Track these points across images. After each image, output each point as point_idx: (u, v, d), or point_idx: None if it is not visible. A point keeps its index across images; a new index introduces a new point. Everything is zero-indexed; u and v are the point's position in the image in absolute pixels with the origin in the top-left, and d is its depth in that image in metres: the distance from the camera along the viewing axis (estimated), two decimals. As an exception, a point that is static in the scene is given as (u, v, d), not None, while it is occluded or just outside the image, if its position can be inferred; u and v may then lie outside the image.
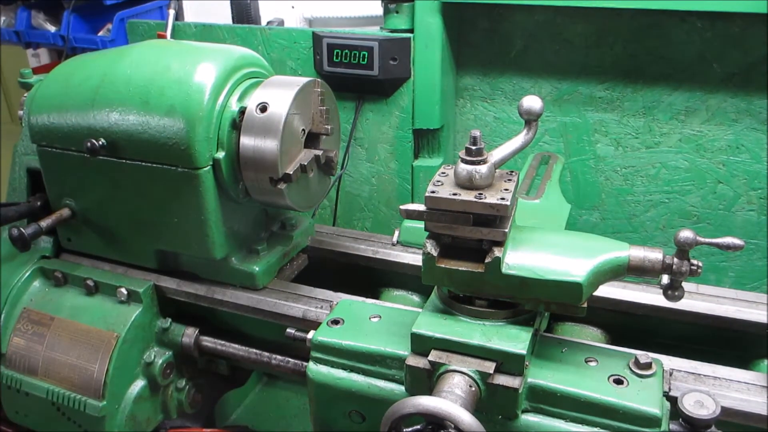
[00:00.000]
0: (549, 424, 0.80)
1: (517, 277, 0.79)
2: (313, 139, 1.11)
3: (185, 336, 1.22)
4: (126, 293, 1.19)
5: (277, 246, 1.22)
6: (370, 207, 1.92)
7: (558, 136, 1.75)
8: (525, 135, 0.83)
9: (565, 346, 0.87)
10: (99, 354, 1.16)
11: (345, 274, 1.30)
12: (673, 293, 0.81)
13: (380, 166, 1.85)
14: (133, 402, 1.20)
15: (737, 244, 0.76)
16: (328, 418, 0.94)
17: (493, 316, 0.83)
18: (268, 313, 1.14)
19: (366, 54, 1.67)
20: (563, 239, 0.83)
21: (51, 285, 1.27)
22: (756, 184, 1.61)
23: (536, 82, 1.72)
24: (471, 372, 0.78)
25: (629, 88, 1.64)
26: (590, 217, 1.80)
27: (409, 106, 1.73)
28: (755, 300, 1.07)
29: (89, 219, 1.21)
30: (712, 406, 0.78)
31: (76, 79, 1.13)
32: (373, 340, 0.89)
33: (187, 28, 1.92)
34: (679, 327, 1.09)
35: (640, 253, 0.79)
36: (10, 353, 1.23)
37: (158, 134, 1.03)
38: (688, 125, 1.62)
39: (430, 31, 1.63)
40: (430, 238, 0.82)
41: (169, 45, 1.21)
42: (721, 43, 1.52)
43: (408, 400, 0.71)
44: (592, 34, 1.62)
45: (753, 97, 1.54)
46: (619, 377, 0.81)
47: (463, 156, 0.80)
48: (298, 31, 1.82)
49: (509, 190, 0.79)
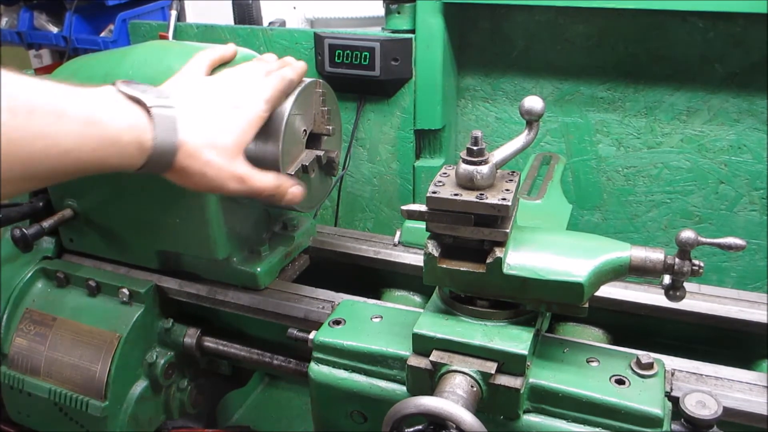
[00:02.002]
0: (550, 425, 0.80)
1: (518, 277, 0.79)
2: (315, 139, 1.11)
3: (187, 336, 1.22)
4: (128, 294, 1.19)
5: (278, 246, 1.23)
6: (372, 207, 1.92)
7: (559, 137, 1.75)
8: (526, 135, 0.83)
9: (567, 347, 0.87)
10: (101, 354, 1.16)
11: (347, 275, 1.30)
12: (674, 293, 0.81)
13: (382, 166, 1.85)
14: (135, 402, 1.20)
15: (739, 245, 0.76)
16: (330, 419, 0.94)
17: (495, 316, 0.83)
18: (269, 313, 1.14)
19: (368, 54, 1.67)
20: (565, 239, 0.83)
21: (53, 285, 1.27)
22: (758, 185, 1.60)
23: (538, 83, 1.72)
24: (472, 372, 0.78)
25: (631, 88, 1.64)
26: (592, 217, 1.80)
27: (410, 107, 1.73)
28: (757, 300, 1.07)
29: (91, 219, 1.21)
30: (714, 407, 0.78)
31: (78, 80, 1.12)
32: (375, 340, 0.89)
33: (189, 29, 1.92)
34: (680, 327, 1.09)
35: (642, 253, 0.79)
36: (13, 353, 1.23)
37: (160, 135, 1.03)
38: (690, 125, 1.62)
39: (431, 31, 1.63)
40: (432, 239, 0.82)
41: (171, 46, 1.21)
42: (722, 43, 1.51)
43: (410, 400, 0.71)
44: (594, 34, 1.62)
45: (755, 97, 1.54)
46: (621, 377, 0.81)
47: (465, 156, 0.80)
48: (299, 31, 1.82)
49: (510, 190, 0.79)
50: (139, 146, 0.74)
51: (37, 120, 0.63)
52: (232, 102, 0.86)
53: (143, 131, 0.74)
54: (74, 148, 0.67)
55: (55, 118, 0.65)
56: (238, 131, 0.85)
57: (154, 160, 0.76)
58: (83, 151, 0.68)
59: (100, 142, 0.70)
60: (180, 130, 0.78)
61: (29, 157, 0.64)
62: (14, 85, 0.63)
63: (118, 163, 0.74)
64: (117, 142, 0.72)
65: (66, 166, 0.68)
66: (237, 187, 0.85)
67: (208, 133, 0.81)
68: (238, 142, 0.85)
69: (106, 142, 0.71)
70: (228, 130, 0.84)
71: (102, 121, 0.70)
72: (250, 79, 0.91)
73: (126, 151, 0.73)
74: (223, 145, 0.82)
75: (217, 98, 0.86)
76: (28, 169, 0.64)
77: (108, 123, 0.71)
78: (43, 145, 0.64)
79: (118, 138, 0.72)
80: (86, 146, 0.68)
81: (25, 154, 0.63)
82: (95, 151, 0.70)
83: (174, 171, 0.80)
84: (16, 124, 0.62)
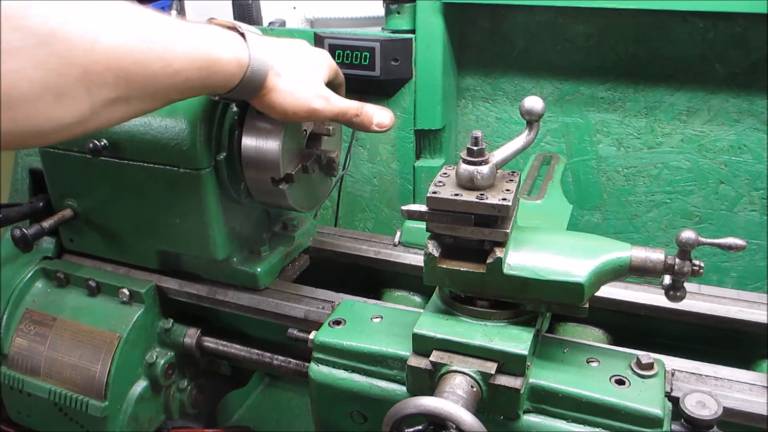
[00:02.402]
0: (550, 425, 0.80)
1: (518, 277, 0.79)
2: (315, 139, 1.11)
3: (187, 336, 1.22)
4: (128, 294, 1.19)
5: (278, 247, 1.23)
6: (372, 207, 1.92)
7: (560, 137, 1.75)
8: (526, 135, 0.83)
9: (567, 347, 0.87)
10: (101, 354, 1.16)
11: (347, 275, 1.30)
12: (674, 294, 0.81)
13: (382, 166, 1.85)
14: (135, 402, 1.20)
15: (739, 245, 0.76)
16: (330, 419, 0.94)
17: (495, 316, 0.83)
18: (269, 313, 1.14)
19: (368, 54, 1.67)
20: (565, 240, 0.83)
21: (53, 286, 1.27)
22: (758, 185, 1.60)
23: (538, 83, 1.72)
24: (472, 372, 0.78)
25: (631, 88, 1.64)
26: (592, 217, 1.80)
27: (410, 107, 1.73)
28: (757, 300, 1.07)
29: (91, 220, 1.21)
30: (714, 407, 0.78)
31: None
32: (375, 340, 0.89)
33: (189, 29, 1.91)
34: (680, 327, 1.09)
35: (642, 253, 0.79)
36: (13, 354, 1.23)
37: (160, 135, 1.03)
38: (690, 125, 1.62)
39: (431, 31, 1.63)
40: (432, 239, 0.82)
41: (171, 46, 1.21)
42: (723, 43, 1.51)
43: (410, 400, 0.71)
44: (594, 34, 1.62)
45: (755, 98, 1.54)
46: (621, 378, 0.81)
47: (465, 156, 0.80)
48: (299, 31, 1.82)
49: (511, 190, 0.79)
50: (238, 63, 0.85)
51: (157, 45, 0.76)
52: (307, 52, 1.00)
53: (240, 50, 0.86)
54: (184, 67, 0.79)
55: (169, 44, 0.77)
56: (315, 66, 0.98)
57: (249, 77, 0.87)
58: (192, 69, 0.80)
59: (205, 61, 0.81)
60: (270, 53, 0.90)
61: (150, 77, 0.76)
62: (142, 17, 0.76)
63: (220, 81, 0.85)
64: (218, 61, 0.83)
65: (177, 84, 0.79)
66: (323, 106, 0.95)
67: (293, 60, 0.95)
68: (319, 74, 0.98)
69: (210, 62, 0.82)
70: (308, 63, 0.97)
71: (205, 45, 0.82)
72: None
73: (227, 69, 0.84)
74: (307, 71, 0.95)
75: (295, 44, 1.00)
76: (148, 86, 0.77)
77: (211, 46, 0.82)
78: (159, 66, 0.76)
79: (219, 57, 0.83)
80: (194, 65, 0.80)
81: (148, 73, 0.75)
82: (201, 69, 0.81)
83: (266, 90, 0.90)
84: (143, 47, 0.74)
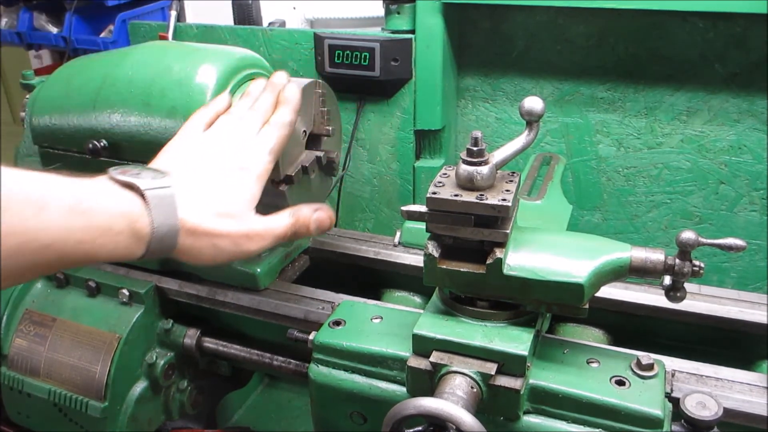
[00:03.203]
0: (550, 425, 0.80)
1: (518, 278, 0.79)
2: (315, 140, 1.11)
3: (187, 337, 1.22)
4: (128, 294, 1.19)
5: (278, 247, 1.22)
6: (372, 208, 1.92)
7: (560, 137, 1.75)
8: (526, 136, 0.83)
9: (567, 347, 0.87)
10: (101, 355, 1.16)
11: (346, 275, 1.30)
12: (675, 294, 0.81)
13: (382, 167, 1.85)
14: (135, 403, 1.20)
15: (739, 245, 0.75)
16: (330, 419, 0.94)
17: (495, 317, 0.83)
18: (269, 314, 1.14)
19: (367, 55, 1.67)
20: (565, 240, 0.83)
21: (53, 286, 1.27)
22: (758, 185, 1.60)
23: (538, 83, 1.72)
24: (472, 373, 0.78)
25: (631, 88, 1.64)
26: (592, 217, 1.80)
27: (410, 107, 1.73)
28: (757, 301, 1.07)
29: (91, 220, 1.21)
30: (714, 408, 0.78)
31: (77, 80, 1.13)
32: (375, 341, 0.89)
33: (189, 30, 1.92)
34: (680, 328, 1.09)
35: (642, 254, 0.79)
36: (12, 354, 1.23)
37: (160, 135, 1.03)
38: (690, 126, 1.62)
39: (431, 31, 1.63)
40: (432, 239, 0.82)
41: (171, 46, 1.21)
42: (722, 43, 1.51)
43: (410, 401, 0.71)
44: (594, 34, 1.62)
45: (755, 98, 1.54)
46: (621, 378, 0.81)
47: (465, 157, 0.80)
48: (299, 32, 1.82)
49: (511, 191, 0.79)
50: (135, 234, 0.69)
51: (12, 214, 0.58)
52: (237, 163, 0.84)
53: (138, 217, 0.69)
54: (57, 240, 0.62)
55: (35, 210, 0.60)
56: (246, 192, 0.83)
57: (155, 246, 0.71)
58: (68, 243, 0.63)
59: (87, 233, 0.65)
60: (180, 207, 0.73)
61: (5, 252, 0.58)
62: None
63: (114, 253, 0.69)
64: (107, 232, 0.66)
65: (48, 260, 0.62)
66: (258, 245, 0.81)
67: (213, 203, 0.78)
68: (249, 201, 0.82)
69: (95, 233, 0.65)
70: (236, 193, 0.81)
71: (90, 211, 0.65)
72: (250, 131, 0.88)
73: (120, 241, 0.68)
74: (233, 209, 0.79)
75: (220, 160, 0.83)
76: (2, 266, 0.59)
77: (97, 212, 0.66)
78: (16, 243, 0.58)
79: (109, 227, 0.66)
80: (71, 238, 0.63)
81: None
82: (81, 243, 0.64)
83: (181, 252, 0.75)
84: None
